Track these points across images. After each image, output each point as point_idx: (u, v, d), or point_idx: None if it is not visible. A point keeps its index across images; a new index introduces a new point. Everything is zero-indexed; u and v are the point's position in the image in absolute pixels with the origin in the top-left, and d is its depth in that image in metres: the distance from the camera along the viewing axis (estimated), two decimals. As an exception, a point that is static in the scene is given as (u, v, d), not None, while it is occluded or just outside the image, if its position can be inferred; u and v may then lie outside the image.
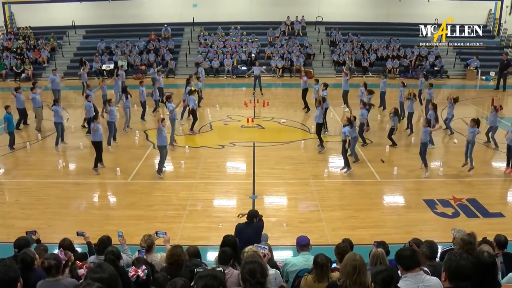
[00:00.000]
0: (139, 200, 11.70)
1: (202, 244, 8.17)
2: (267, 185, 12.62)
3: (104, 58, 29.08)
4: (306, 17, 32.01)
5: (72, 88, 25.61)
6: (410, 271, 4.50)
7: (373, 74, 28.58)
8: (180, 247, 5.89)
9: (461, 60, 29.61)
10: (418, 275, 4.48)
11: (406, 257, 4.60)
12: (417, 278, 4.44)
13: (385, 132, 16.69)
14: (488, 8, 31.94)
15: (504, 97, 24.35)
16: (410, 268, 4.51)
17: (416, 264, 4.58)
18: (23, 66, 28.32)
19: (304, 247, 6.48)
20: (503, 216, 10.83)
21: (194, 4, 31.69)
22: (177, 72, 28.71)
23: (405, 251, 4.73)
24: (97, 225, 10.15)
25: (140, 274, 5.17)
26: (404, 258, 4.61)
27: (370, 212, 11.08)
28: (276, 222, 10.47)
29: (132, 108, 18.29)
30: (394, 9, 31.68)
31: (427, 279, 4.46)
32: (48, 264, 4.78)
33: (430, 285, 4.41)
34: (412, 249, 4.90)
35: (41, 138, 16.87)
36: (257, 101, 22.02)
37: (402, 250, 4.81)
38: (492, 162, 14.64)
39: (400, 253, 4.73)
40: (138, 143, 16.28)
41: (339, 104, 20.54)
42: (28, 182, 12.96)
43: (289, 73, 29.05)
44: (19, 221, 10.44)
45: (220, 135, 17.21)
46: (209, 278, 3.82)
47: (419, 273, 4.52)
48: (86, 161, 14.25)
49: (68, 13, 31.32)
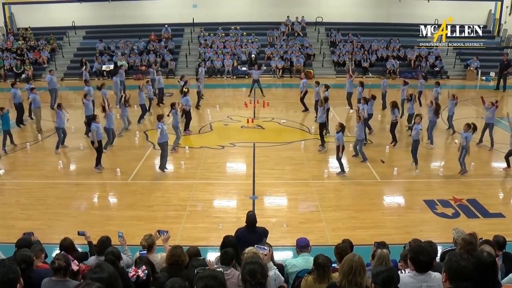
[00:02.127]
0: (139, 201, 11.69)
1: (202, 245, 8.14)
2: (267, 186, 12.61)
3: (104, 59, 29.08)
4: (306, 18, 32.03)
5: (72, 89, 25.61)
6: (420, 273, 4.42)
7: (373, 75, 28.59)
8: (180, 247, 5.88)
9: (461, 60, 29.64)
10: (426, 274, 4.44)
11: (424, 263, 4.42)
12: (422, 277, 4.42)
13: (385, 133, 16.73)
14: (488, 9, 31.96)
15: (504, 97, 24.36)
16: (422, 270, 4.42)
17: (429, 268, 4.47)
18: (23, 67, 28.31)
19: (304, 248, 6.50)
20: (503, 216, 10.83)
21: (194, 4, 31.69)
22: (177, 73, 28.67)
23: (423, 257, 4.46)
24: (97, 225, 10.14)
25: (140, 274, 5.16)
26: (421, 262, 4.43)
27: (370, 212, 11.08)
28: (276, 222, 10.46)
29: (133, 108, 18.30)
30: (394, 10, 31.69)
31: (431, 279, 4.44)
32: (58, 265, 4.78)
33: (433, 285, 4.41)
34: (430, 255, 4.61)
35: (41, 138, 16.87)
36: (257, 101, 22.01)
37: (419, 254, 4.52)
38: (492, 162, 14.64)
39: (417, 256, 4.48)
40: (138, 143, 16.28)
41: (339, 104, 20.54)
42: (28, 182, 12.96)
43: (289, 74, 29.05)
44: (19, 222, 10.43)
45: (220, 135, 17.22)
46: (209, 278, 3.80)
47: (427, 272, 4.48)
48: (86, 161, 14.26)
49: (68, 13, 31.31)
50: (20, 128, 18.05)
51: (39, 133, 17.18)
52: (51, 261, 4.97)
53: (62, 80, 27.87)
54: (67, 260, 4.94)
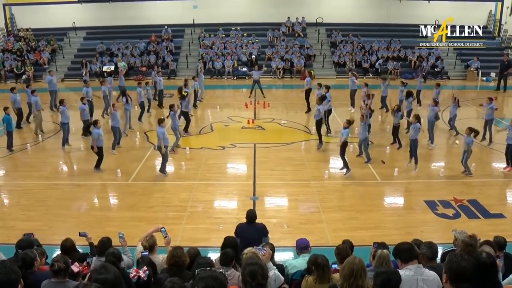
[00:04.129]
0: (140, 202, 11.69)
1: (202, 246, 8.16)
2: (268, 187, 12.60)
3: (104, 60, 29.08)
4: (307, 18, 32.02)
5: (73, 90, 25.57)
6: (409, 263, 4.69)
7: (373, 76, 28.59)
8: (180, 248, 5.86)
9: (462, 61, 29.61)
10: (418, 268, 4.65)
11: (404, 250, 4.84)
12: (417, 270, 4.60)
13: (385, 134, 16.74)
14: (488, 9, 31.91)
15: (504, 98, 24.37)
16: (409, 260, 4.72)
17: (414, 256, 4.80)
18: (23, 68, 28.32)
19: (304, 249, 6.56)
20: (504, 217, 10.82)
21: (194, 5, 31.67)
22: (178, 74, 28.69)
23: (402, 245, 4.95)
24: (97, 226, 10.15)
25: (141, 275, 5.16)
26: (402, 251, 4.84)
27: (370, 213, 11.08)
28: (276, 223, 10.46)
29: (133, 109, 18.31)
30: (394, 10, 31.64)
31: (426, 273, 4.61)
32: (58, 267, 4.80)
33: (428, 278, 4.56)
34: (409, 243, 5.11)
35: (41, 139, 16.87)
36: (258, 102, 22.01)
37: (399, 244, 5.01)
38: (493, 163, 14.63)
39: (398, 247, 4.95)
40: (138, 144, 16.28)
41: (340, 105, 20.51)
42: (29, 183, 12.96)
43: (290, 74, 29.05)
44: (20, 223, 10.43)
45: (221, 136, 17.22)
46: (210, 279, 3.77)
47: (419, 266, 4.69)
48: (86, 162, 14.26)
49: (69, 14, 31.30)
50: (21, 127, 18.08)
51: (37, 135, 17.08)
52: (50, 263, 5.00)
53: (62, 81, 27.90)
54: (66, 262, 4.97)
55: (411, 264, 4.67)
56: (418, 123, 13.23)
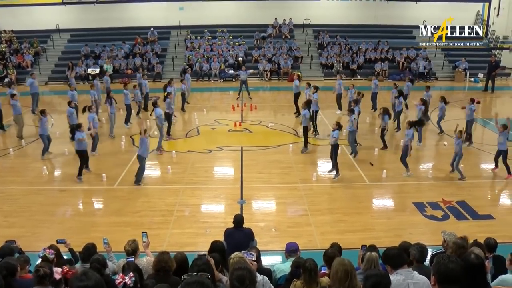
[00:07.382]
0: (125, 207, 11.53)
1: (189, 250, 8.01)
2: (255, 190, 12.50)
3: (89, 62, 28.77)
4: (294, 20, 32.04)
5: (57, 93, 25.25)
6: (399, 269, 4.65)
7: (361, 77, 28.66)
8: (167, 253, 5.76)
9: (450, 62, 29.82)
10: (408, 272, 4.63)
11: (394, 256, 4.79)
12: (407, 274, 4.58)
13: (374, 135, 16.73)
14: (476, 10, 32.19)
15: (492, 99, 24.58)
16: (399, 266, 4.68)
17: (404, 261, 4.77)
18: (6, 71, 27.89)
19: (293, 253, 6.56)
20: (492, 218, 10.85)
21: (180, 7, 31.55)
22: (163, 76, 28.44)
23: (391, 250, 4.91)
24: (83, 232, 9.98)
25: (127, 282, 5.03)
26: (392, 257, 4.79)
27: (359, 215, 11.04)
28: (264, 227, 10.39)
29: (118, 112, 18.11)
30: (382, 11, 31.79)
31: (416, 276, 4.57)
32: (44, 272, 4.71)
33: (418, 282, 4.52)
34: (398, 248, 5.12)
35: (24, 144, 16.56)
36: (245, 104, 21.91)
37: (388, 249, 4.96)
38: (481, 164, 14.69)
39: (387, 253, 4.90)
40: (124, 148, 16.08)
41: (328, 107, 20.47)
42: (11, 189, 12.71)
43: (277, 77, 29.02)
44: (2, 230, 10.18)
45: (208, 139, 17.05)
46: (196, 285, 3.67)
47: (408, 270, 4.68)
48: (71, 167, 13.99)
49: (52, 16, 30.91)
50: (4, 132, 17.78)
51: (21, 139, 16.76)
52: (35, 269, 4.92)
53: (46, 84, 27.52)
54: (50, 267, 4.92)
55: (401, 269, 4.64)
56: (411, 130, 13.16)
